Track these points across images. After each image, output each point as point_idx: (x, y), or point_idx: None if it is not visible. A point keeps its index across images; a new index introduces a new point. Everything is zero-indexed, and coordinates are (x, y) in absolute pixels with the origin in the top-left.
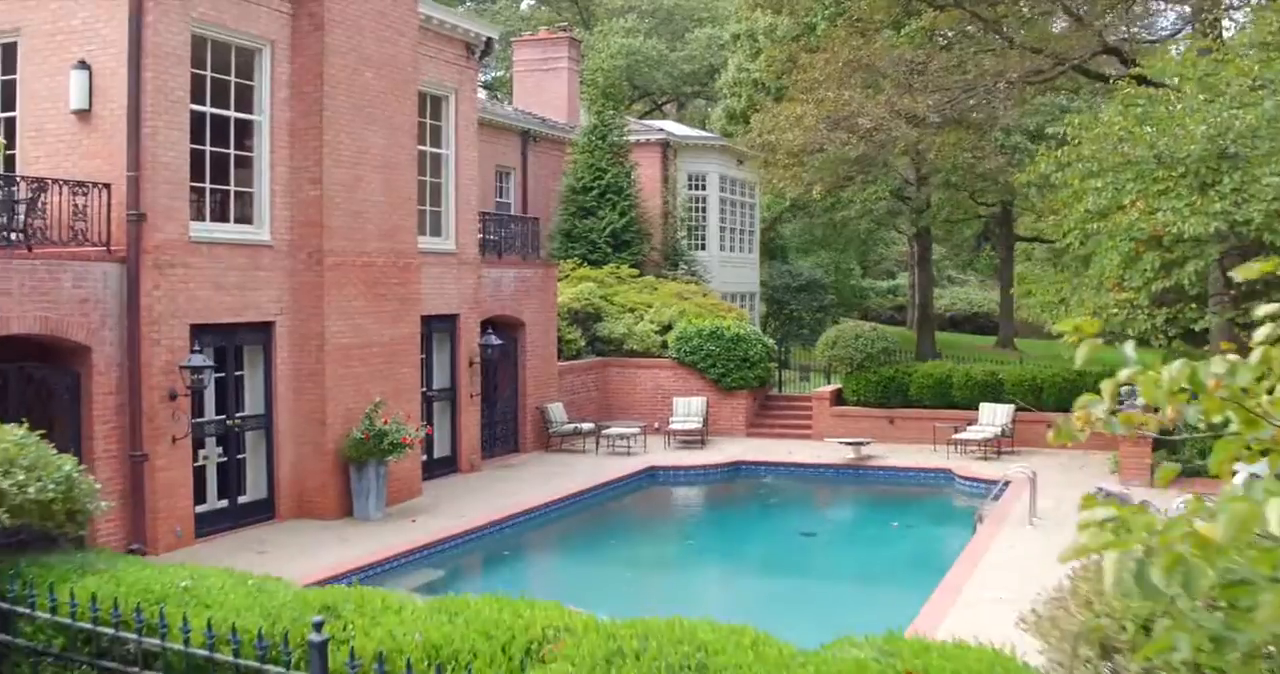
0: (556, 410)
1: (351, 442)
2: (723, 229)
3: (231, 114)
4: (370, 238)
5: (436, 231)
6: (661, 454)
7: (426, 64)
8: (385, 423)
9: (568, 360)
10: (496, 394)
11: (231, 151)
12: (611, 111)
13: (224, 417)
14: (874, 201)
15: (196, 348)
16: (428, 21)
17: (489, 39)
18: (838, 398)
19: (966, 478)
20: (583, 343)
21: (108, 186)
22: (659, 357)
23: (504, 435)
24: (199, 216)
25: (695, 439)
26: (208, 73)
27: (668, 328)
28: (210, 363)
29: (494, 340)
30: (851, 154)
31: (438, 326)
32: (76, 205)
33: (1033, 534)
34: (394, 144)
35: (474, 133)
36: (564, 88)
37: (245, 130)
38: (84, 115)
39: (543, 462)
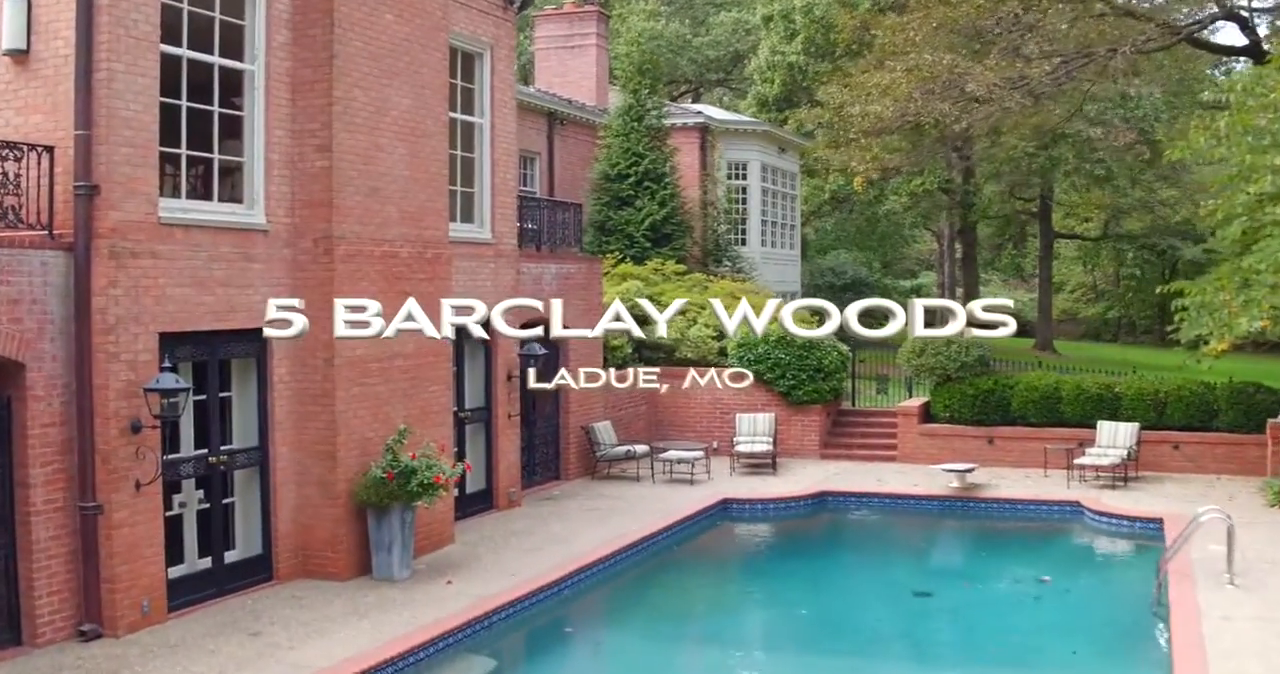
0: (604, 430)
1: (370, 482)
2: (764, 223)
3: (216, 60)
4: (391, 222)
5: (468, 216)
6: (729, 482)
7: (457, 11)
8: (413, 458)
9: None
10: (535, 412)
11: (215, 109)
12: (648, 91)
13: (205, 451)
14: (920, 192)
15: (168, 364)
16: None
17: None
18: (925, 413)
19: (1099, 513)
20: (629, 350)
21: (49, 150)
22: (717, 366)
23: (544, 461)
24: (173, 192)
25: (764, 463)
26: (184, 5)
27: (724, 333)
28: (186, 384)
29: (538, 349)
30: (955, 127)
31: (468, 336)
32: (6, 173)
33: (1243, 598)
34: (421, 105)
35: (513, 98)
36: (591, 67)
37: (234, 83)
38: (20, 57)
39: (592, 493)
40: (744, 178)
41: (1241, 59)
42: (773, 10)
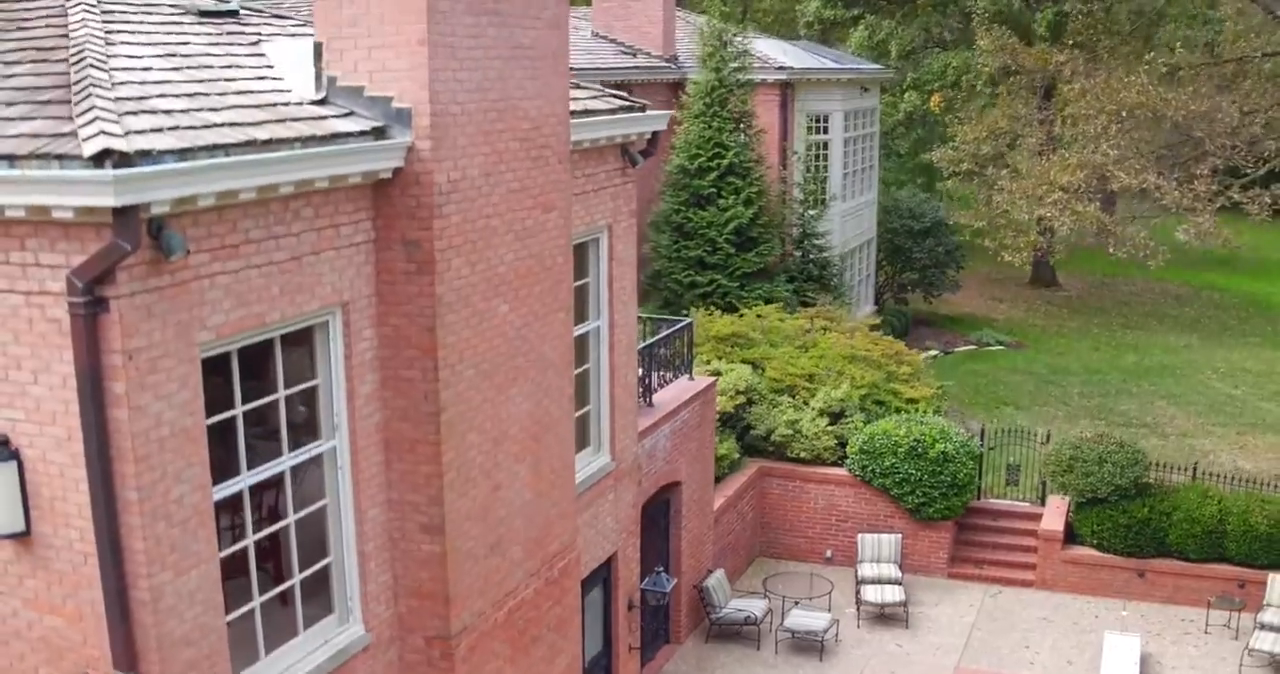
0: (718, 587)
1: None
2: (845, 175)
3: (285, 463)
4: (515, 565)
5: (582, 441)
6: (860, 646)
7: (573, 190)
8: None
9: (717, 480)
10: (643, 577)
11: (291, 520)
12: (735, 64)
13: None
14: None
15: None
16: (577, 145)
17: (655, 133)
18: (1069, 532)
19: None
20: (737, 454)
21: None
22: (831, 464)
23: (654, 628)
24: (246, 654)
25: (895, 608)
26: (234, 384)
27: (839, 416)
28: None
29: (665, 582)
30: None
31: (588, 585)
32: None
33: None
34: (544, 396)
35: (633, 279)
36: (658, 9)
37: (309, 475)
38: (23, 538)
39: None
40: (825, 131)
41: None
42: None
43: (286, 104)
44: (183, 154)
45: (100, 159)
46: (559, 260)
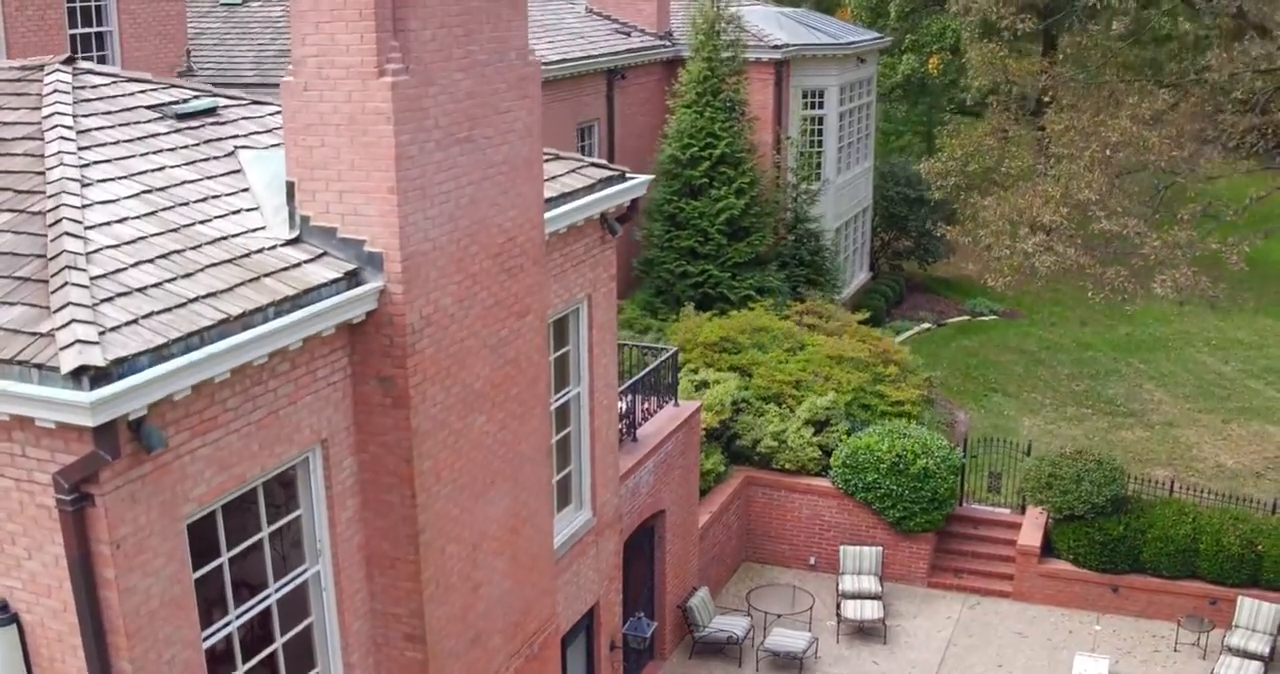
0: (702, 606)
1: None
2: (840, 148)
3: (272, 597)
4: (496, 650)
5: (564, 499)
6: (838, 667)
7: (551, 286)
8: None
9: (702, 493)
10: (629, 595)
11: (278, 644)
12: (727, 54)
13: None
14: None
15: None
16: (554, 232)
17: (634, 201)
18: (1046, 544)
19: None
20: (722, 468)
21: None
22: (815, 475)
23: (637, 650)
24: None
25: (872, 625)
26: (220, 530)
27: (824, 424)
28: None
29: (645, 627)
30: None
31: (571, 634)
32: None
33: None
34: (521, 494)
35: (613, 342)
36: None
37: (296, 598)
38: None
39: None
40: (821, 107)
41: None
42: None
43: (260, 251)
44: (158, 352)
45: (77, 375)
46: (535, 358)
